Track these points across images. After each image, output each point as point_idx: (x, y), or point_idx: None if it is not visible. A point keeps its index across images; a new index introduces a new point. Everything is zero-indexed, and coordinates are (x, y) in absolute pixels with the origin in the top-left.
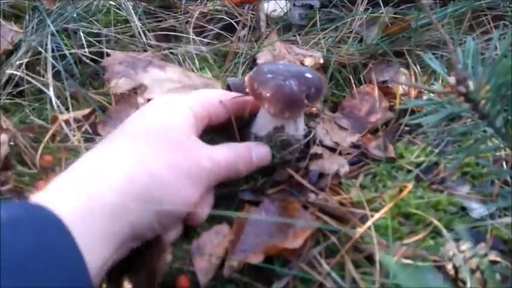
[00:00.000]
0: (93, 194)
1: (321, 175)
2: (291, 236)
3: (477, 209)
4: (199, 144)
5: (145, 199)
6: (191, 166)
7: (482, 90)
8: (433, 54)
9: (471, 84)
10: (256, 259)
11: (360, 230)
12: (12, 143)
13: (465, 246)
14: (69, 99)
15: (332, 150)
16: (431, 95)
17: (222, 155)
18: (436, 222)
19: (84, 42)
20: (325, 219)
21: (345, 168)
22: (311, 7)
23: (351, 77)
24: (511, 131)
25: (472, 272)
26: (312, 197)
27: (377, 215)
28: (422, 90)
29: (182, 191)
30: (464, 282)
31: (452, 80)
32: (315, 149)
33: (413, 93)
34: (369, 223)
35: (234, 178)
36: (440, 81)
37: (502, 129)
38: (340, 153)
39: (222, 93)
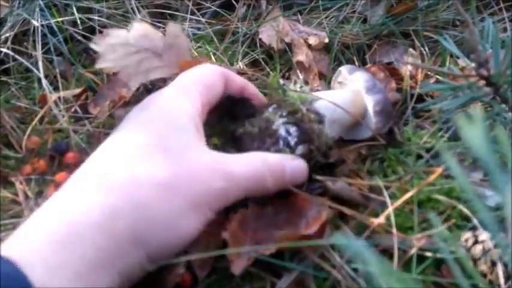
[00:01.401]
0: (70, 235)
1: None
2: (304, 226)
3: (492, 197)
4: (208, 155)
5: (134, 240)
6: (194, 190)
7: (504, 74)
8: (441, 35)
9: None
10: (268, 251)
11: (378, 220)
12: None
13: (484, 236)
14: (59, 77)
15: None
16: (441, 78)
17: (243, 169)
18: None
19: (77, 17)
20: (339, 208)
21: None
22: None
23: (355, 58)
24: None
25: (493, 264)
26: (329, 183)
27: (399, 201)
28: (434, 72)
29: (183, 226)
30: (484, 275)
31: (468, 62)
32: None
33: (420, 75)
34: (390, 210)
35: (259, 195)
36: (448, 64)
37: None
38: None
39: (220, 73)
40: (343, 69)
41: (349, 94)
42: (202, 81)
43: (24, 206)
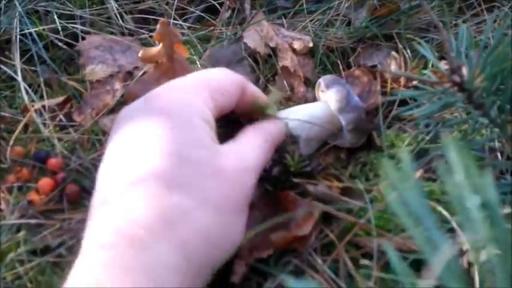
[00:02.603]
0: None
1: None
2: (294, 226)
3: (472, 198)
4: (231, 153)
5: (200, 265)
6: (238, 195)
7: (477, 80)
8: (424, 37)
9: (465, 73)
10: (265, 254)
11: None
12: None
13: (462, 237)
14: (42, 86)
15: None
16: (424, 71)
17: (257, 158)
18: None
19: (58, 24)
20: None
21: None
22: None
23: (339, 61)
24: (507, 121)
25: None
26: (310, 187)
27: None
28: (413, 79)
29: (236, 233)
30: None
31: (444, 67)
32: None
33: (402, 78)
34: (370, 213)
35: None
36: (430, 66)
37: (497, 119)
38: None
39: (237, 80)
40: (322, 82)
41: (326, 110)
42: (217, 85)
43: (6, 213)
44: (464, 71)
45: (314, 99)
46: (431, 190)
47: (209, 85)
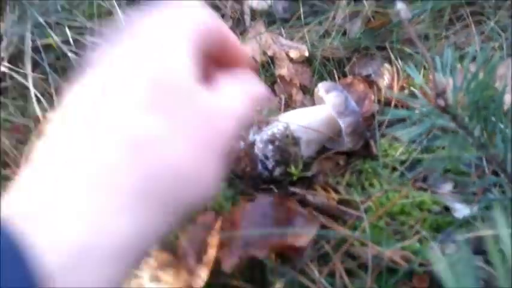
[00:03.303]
0: (95, 225)
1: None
2: (291, 234)
3: (460, 210)
4: (211, 94)
5: (166, 202)
6: (215, 137)
7: (461, 103)
8: (415, 48)
9: (450, 96)
10: (261, 254)
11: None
12: None
13: (449, 250)
14: (54, 95)
15: None
16: (412, 89)
17: (243, 110)
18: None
19: (69, 35)
20: (323, 220)
21: None
22: None
23: (335, 70)
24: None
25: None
26: (310, 197)
27: (374, 216)
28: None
29: (208, 178)
30: None
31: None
32: None
33: (395, 86)
34: (365, 224)
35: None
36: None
37: (481, 138)
38: None
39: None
40: (321, 87)
41: (326, 113)
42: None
43: None
44: (449, 93)
45: (312, 106)
46: (423, 200)
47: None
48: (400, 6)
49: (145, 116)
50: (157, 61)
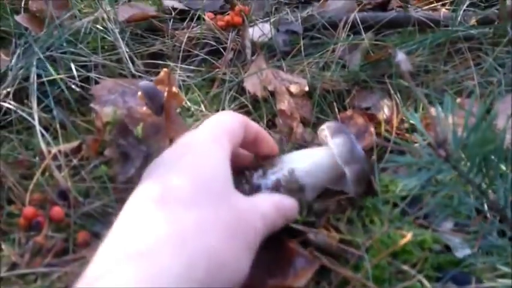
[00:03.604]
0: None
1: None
2: (292, 275)
3: (461, 249)
4: (244, 198)
5: (209, 285)
6: (247, 231)
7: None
8: (414, 81)
9: (451, 144)
10: None
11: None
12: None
13: None
14: (58, 129)
15: None
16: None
17: (266, 208)
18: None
19: (73, 69)
20: (324, 260)
21: None
22: (294, 32)
23: (335, 103)
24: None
25: None
26: (311, 235)
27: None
28: (407, 119)
29: (243, 267)
30: None
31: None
32: None
33: (394, 120)
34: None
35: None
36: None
37: (481, 185)
38: None
39: (241, 120)
40: (327, 130)
41: (331, 158)
42: (228, 128)
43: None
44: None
45: (313, 139)
46: (424, 239)
47: (225, 131)
48: (400, 57)
49: (191, 212)
50: (199, 169)
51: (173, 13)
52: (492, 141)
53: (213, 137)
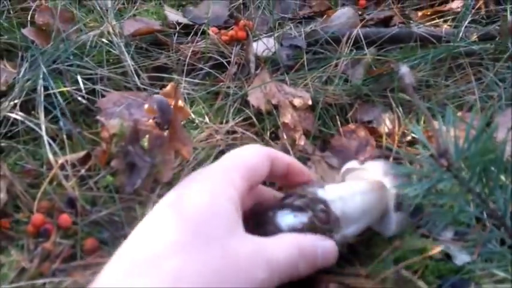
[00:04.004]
0: None
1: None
2: None
3: (461, 257)
4: (250, 242)
5: None
6: (242, 282)
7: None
8: (417, 94)
9: (453, 154)
10: None
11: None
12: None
13: None
14: (65, 140)
15: None
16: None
17: (281, 253)
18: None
19: (80, 81)
20: None
21: None
22: (298, 47)
23: (337, 116)
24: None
25: None
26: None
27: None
28: (409, 131)
29: None
30: None
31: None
32: None
33: (396, 133)
34: None
35: (288, 281)
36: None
37: (482, 194)
38: None
39: (265, 154)
40: (379, 169)
41: (380, 196)
42: (245, 163)
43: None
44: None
45: (313, 151)
46: (425, 247)
47: (239, 166)
48: (403, 70)
49: (172, 258)
50: (193, 208)
51: (177, 27)
52: (492, 151)
53: (222, 173)
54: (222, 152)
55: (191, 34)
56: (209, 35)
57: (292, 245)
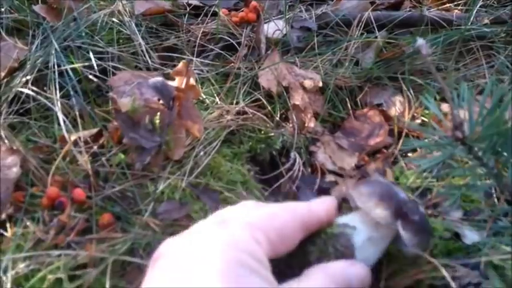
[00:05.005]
0: None
1: None
2: None
3: (470, 236)
4: None
5: None
6: None
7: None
8: (426, 79)
9: (466, 129)
10: None
11: None
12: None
13: (459, 273)
14: (78, 117)
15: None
16: (423, 118)
17: None
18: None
19: (93, 59)
20: None
21: None
22: (309, 29)
23: (347, 99)
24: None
25: None
26: None
27: None
28: (419, 114)
29: None
30: None
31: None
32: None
33: (407, 116)
34: None
35: None
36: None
37: (494, 170)
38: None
39: (293, 217)
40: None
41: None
42: (265, 220)
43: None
44: (466, 126)
45: (323, 132)
46: (434, 227)
47: (268, 228)
48: (420, 42)
49: None
50: (229, 276)
51: (188, 8)
52: (506, 123)
53: (249, 230)
54: (231, 133)
55: (201, 15)
56: (219, 16)
57: (325, 279)
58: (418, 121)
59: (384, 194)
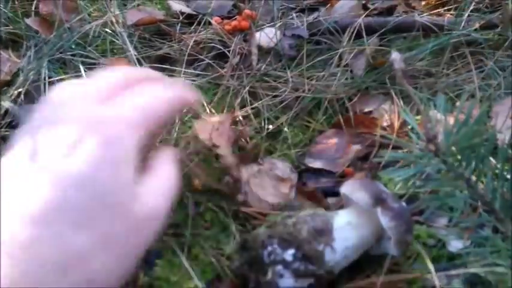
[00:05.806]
0: None
1: None
2: None
3: (454, 243)
4: (147, 199)
5: None
6: (141, 242)
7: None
8: (415, 84)
9: (442, 140)
10: None
11: None
12: None
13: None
14: None
15: None
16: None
17: (168, 200)
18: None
19: (82, 71)
20: None
21: None
22: (300, 37)
23: (337, 107)
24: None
25: None
26: None
27: None
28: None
29: (122, 275)
30: None
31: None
32: None
33: (396, 124)
34: None
35: None
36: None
37: (470, 180)
38: None
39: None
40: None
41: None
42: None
43: None
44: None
45: None
46: (419, 234)
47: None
48: (394, 56)
49: (80, 236)
50: (96, 169)
51: (181, 17)
52: (481, 135)
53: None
54: None
55: (194, 24)
56: (211, 25)
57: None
58: (408, 128)
59: (367, 183)
